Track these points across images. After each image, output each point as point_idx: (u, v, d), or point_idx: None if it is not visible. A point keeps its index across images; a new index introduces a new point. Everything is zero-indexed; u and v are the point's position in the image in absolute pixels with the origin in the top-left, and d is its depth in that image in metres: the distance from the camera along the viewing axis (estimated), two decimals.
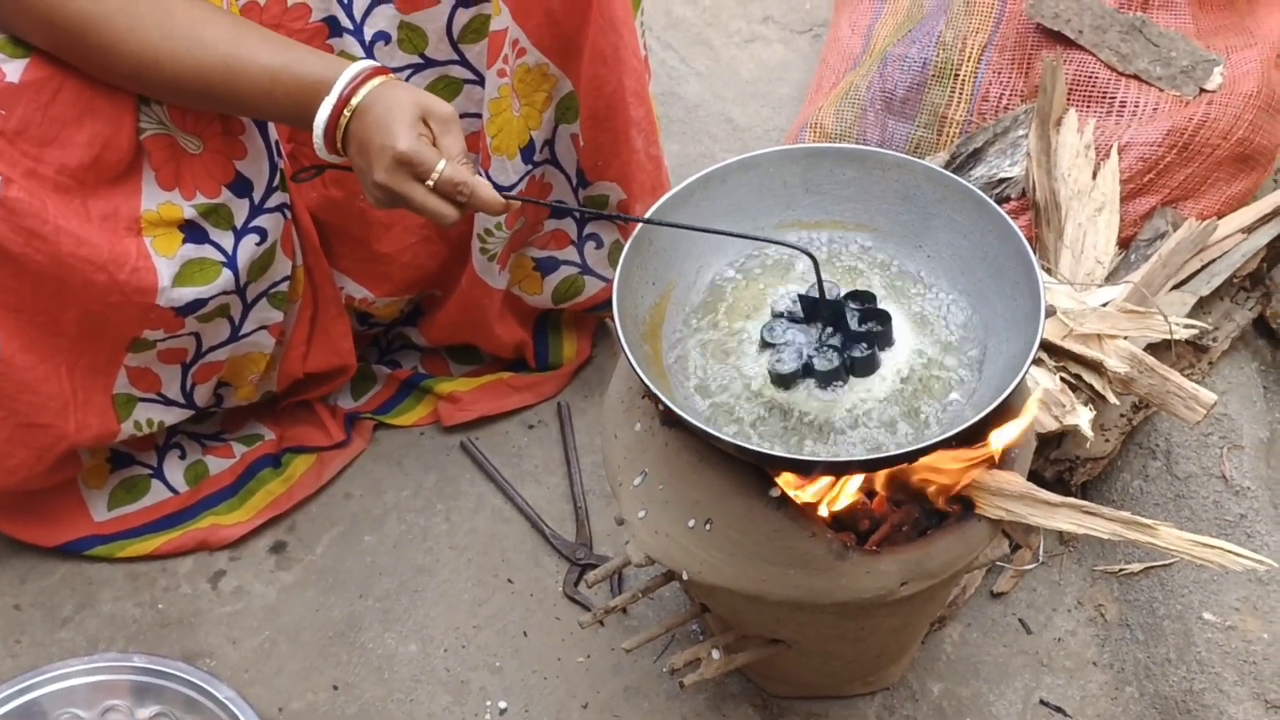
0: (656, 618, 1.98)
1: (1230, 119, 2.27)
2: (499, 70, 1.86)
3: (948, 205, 1.59)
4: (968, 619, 1.99)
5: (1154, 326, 1.93)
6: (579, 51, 1.89)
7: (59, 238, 1.70)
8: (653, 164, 2.06)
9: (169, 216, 1.81)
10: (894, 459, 1.41)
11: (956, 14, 2.45)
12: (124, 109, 1.74)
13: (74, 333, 1.82)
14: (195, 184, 1.82)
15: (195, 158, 1.81)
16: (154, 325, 1.86)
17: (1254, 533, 1.98)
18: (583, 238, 2.16)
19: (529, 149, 1.96)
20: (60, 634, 2.01)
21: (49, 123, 1.69)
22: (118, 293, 1.78)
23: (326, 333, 2.12)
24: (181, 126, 1.78)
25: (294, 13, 1.80)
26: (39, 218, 1.68)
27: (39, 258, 1.70)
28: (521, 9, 1.82)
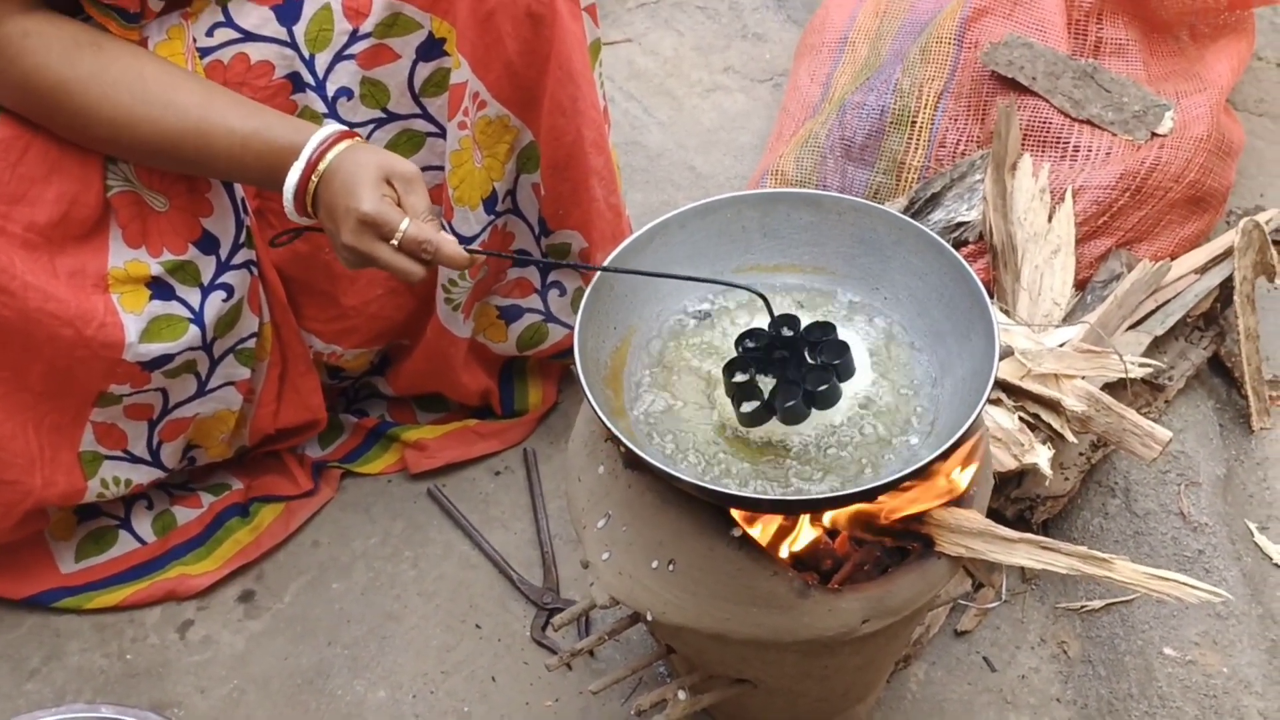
0: (623, 660, 1.99)
1: (1182, 162, 2.32)
2: (459, 123, 1.88)
3: (903, 248, 1.62)
4: (932, 657, 2.00)
5: (1110, 366, 1.96)
6: (538, 103, 1.91)
7: (26, 293, 1.71)
8: (613, 213, 2.09)
9: (136, 274, 1.83)
10: (849, 498, 1.43)
11: (913, 62, 2.49)
12: (91, 167, 1.76)
13: (40, 388, 1.83)
14: (162, 241, 1.84)
15: (162, 215, 1.83)
16: (120, 380, 1.87)
17: (1212, 568, 2.01)
18: (546, 285, 2.18)
19: (491, 199, 1.98)
20: (27, 686, 2.01)
21: (17, 180, 1.71)
22: (84, 347, 1.79)
23: (296, 389, 2.13)
24: (148, 184, 1.80)
25: (257, 70, 1.81)
26: (6, 273, 1.69)
27: (6, 313, 1.71)
28: (481, 62, 1.84)
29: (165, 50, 1.77)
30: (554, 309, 2.20)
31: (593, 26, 1.97)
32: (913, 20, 2.64)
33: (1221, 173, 2.40)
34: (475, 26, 1.82)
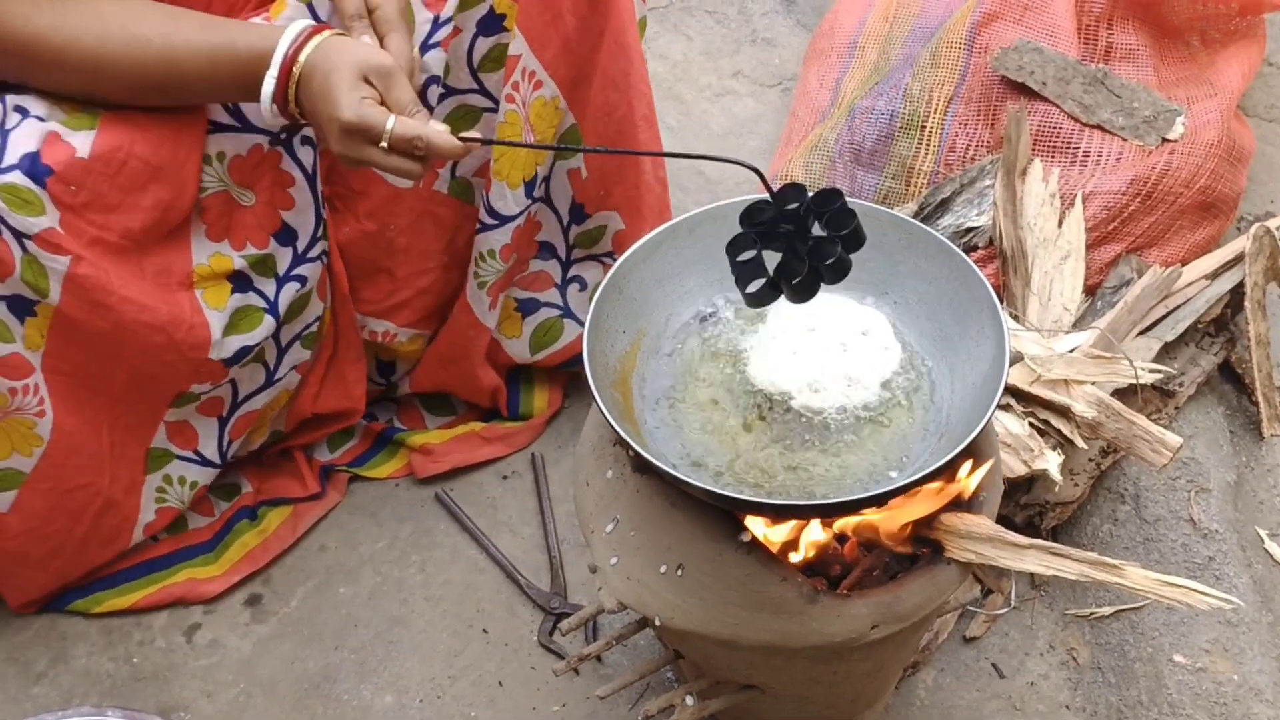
0: (631, 665, 1.98)
1: (1192, 168, 2.31)
2: (508, 95, 1.90)
3: (913, 252, 1.62)
4: (941, 664, 2.00)
5: (1120, 372, 1.95)
6: (590, 80, 1.94)
7: (122, 307, 1.75)
8: (660, 185, 2.13)
9: (219, 268, 1.86)
10: (858, 503, 1.42)
11: (923, 67, 2.49)
12: (189, 171, 1.78)
13: (120, 393, 1.86)
14: (245, 235, 1.87)
15: (248, 210, 1.86)
16: (202, 379, 1.91)
17: (1222, 575, 2.00)
18: (566, 280, 2.19)
19: (532, 182, 2.00)
20: (34, 689, 2.00)
21: (116, 191, 1.72)
22: (173, 351, 1.83)
23: (341, 375, 2.15)
24: (239, 181, 1.83)
25: None
26: (104, 289, 1.72)
27: (102, 325, 1.75)
28: (539, 40, 1.87)
29: None
30: (573, 304, 2.21)
31: (640, 3, 1.99)
32: (922, 25, 2.64)
33: (1232, 178, 2.40)
34: (537, 2, 1.84)
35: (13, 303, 1.69)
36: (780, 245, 1.39)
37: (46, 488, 1.87)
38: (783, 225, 1.38)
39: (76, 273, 1.69)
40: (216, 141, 1.81)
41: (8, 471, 1.83)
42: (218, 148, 1.82)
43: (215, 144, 1.81)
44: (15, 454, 1.82)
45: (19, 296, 1.68)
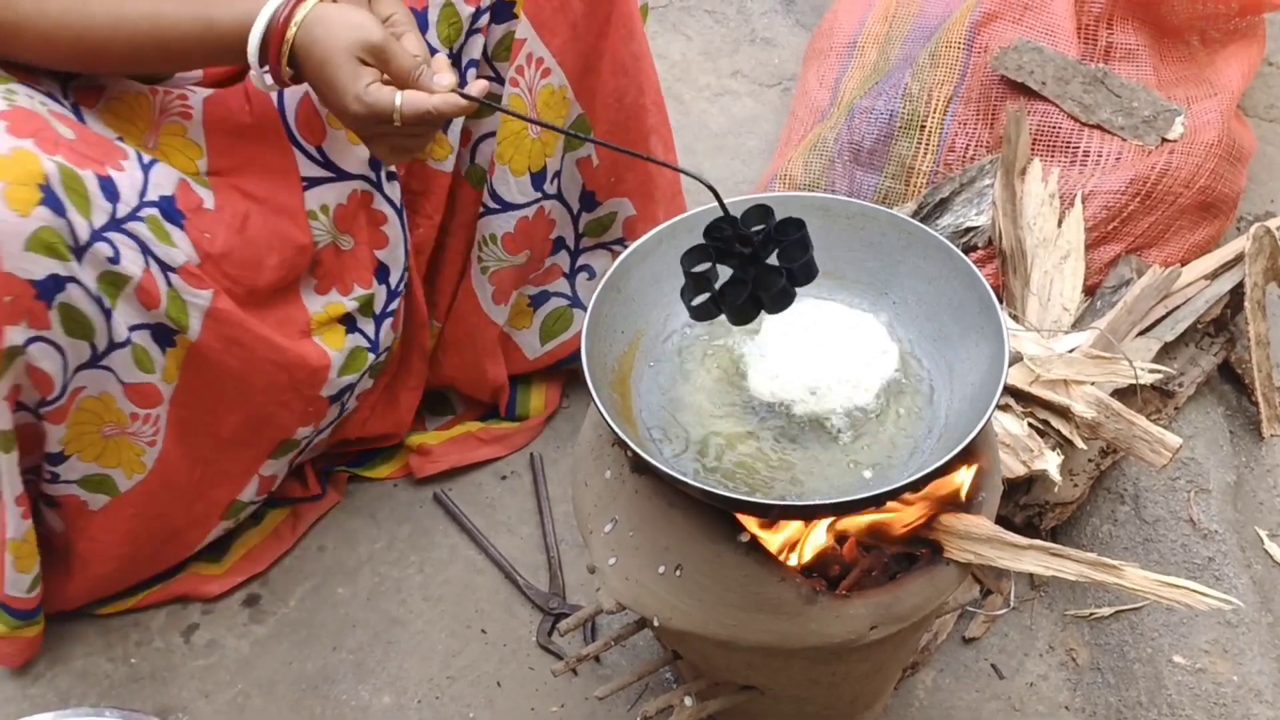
0: (629, 666, 1.98)
1: (1192, 168, 2.31)
2: (511, 79, 1.91)
3: (912, 252, 1.61)
4: (940, 665, 2.00)
5: (1120, 372, 1.95)
6: (598, 67, 1.96)
7: (256, 344, 1.81)
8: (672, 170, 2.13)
9: (334, 314, 1.92)
10: (857, 503, 1.42)
11: (922, 67, 2.49)
12: (303, 231, 1.84)
13: (228, 438, 1.92)
14: (352, 279, 1.92)
15: (348, 254, 1.91)
16: (308, 421, 1.98)
17: (1222, 575, 2.00)
18: (575, 270, 2.21)
19: (541, 176, 2.01)
20: (31, 690, 2.00)
21: (246, 246, 1.77)
22: (293, 391, 1.90)
23: (395, 400, 2.19)
24: (341, 229, 1.88)
25: None
26: (240, 326, 1.77)
27: (234, 363, 1.80)
28: (547, 26, 1.89)
29: None
30: (581, 294, 2.23)
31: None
32: (922, 25, 2.64)
33: (1232, 178, 2.39)
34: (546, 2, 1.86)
35: (156, 332, 1.73)
36: (734, 264, 1.42)
37: (131, 512, 1.91)
38: (739, 246, 1.41)
39: (217, 307, 1.74)
40: (317, 195, 1.86)
41: (107, 480, 1.86)
42: (320, 201, 1.86)
43: (317, 198, 1.86)
44: (120, 469, 1.85)
45: (162, 326, 1.73)
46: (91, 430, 1.78)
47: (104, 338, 1.68)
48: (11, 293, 1.56)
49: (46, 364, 1.65)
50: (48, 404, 1.71)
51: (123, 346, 1.70)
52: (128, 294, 1.66)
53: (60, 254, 1.57)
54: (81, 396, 1.73)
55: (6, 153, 1.54)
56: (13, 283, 1.55)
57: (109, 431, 1.79)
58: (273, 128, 1.84)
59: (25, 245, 1.54)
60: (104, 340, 1.68)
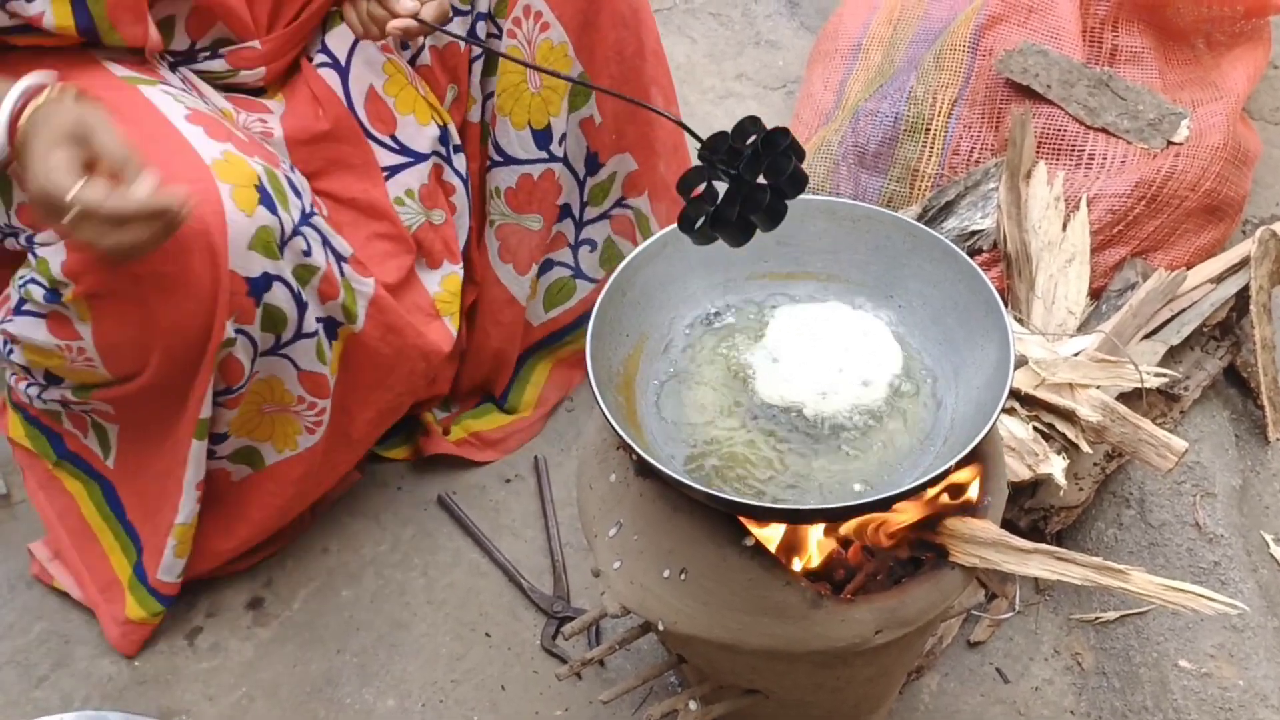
0: (634, 669, 1.98)
1: (1197, 171, 2.30)
2: (509, 30, 1.95)
3: (917, 255, 1.61)
4: (945, 668, 1.99)
5: (1125, 376, 1.95)
6: (597, 22, 1.98)
7: (406, 330, 1.91)
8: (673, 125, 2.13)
9: (453, 288, 2.00)
10: (862, 507, 1.42)
11: (927, 70, 2.48)
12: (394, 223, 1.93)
13: (358, 437, 2.03)
14: (454, 247, 2.01)
15: (443, 227, 1.99)
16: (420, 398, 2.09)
17: (1228, 579, 1.99)
18: (579, 242, 2.24)
19: (545, 135, 2.04)
20: (35, 693, 2.00)
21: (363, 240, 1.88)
22: (424, 377, 2.00)
23: None
24: (429, 205, 1.96)
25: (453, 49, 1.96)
26: (395, 313, 1.86)
27: (387, 351, 1.89)
28: None
29: None
30: (583, 265, 2.26)
31: None
32: (927, 27, 2.63)
33: (1237, 181, 2.39)
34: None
35: (328, 325, 1.81)
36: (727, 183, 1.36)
37: (268, 489, 1.97)
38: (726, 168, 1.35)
39: (379, 294, 1.83)
40: (401, 181, 1.93)
41: (254, 452, 1.92)
42: (404, 186, 1.94)
43: (401, 184, 1.93)
44: (270, 442, 1.91)
45: (332, 319, 1.80)
46: (253, 409, 1.85)
47: (292, 330, 1.76)
48: (232, 290, 1.64)
49: (242, 355, 1.74)
50: (230, 392, 1.79)
51: (310, 337, 1.78)
52: (313, 285, 1.74)
53: (273, 252, 1.66)
54: (254, 381, 1.81)
55: (220, 156, 1.63)
56: (234, 280, 1.64)
57: (269, 409, 1.86)
58: (348, 127, 1.90)
59: (249, 244, 1.63)
60: (291, 332, 1.76)
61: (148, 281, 1.62)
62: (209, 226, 1.60)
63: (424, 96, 1.94)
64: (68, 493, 2.00)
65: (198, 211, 1.57)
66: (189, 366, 1.72)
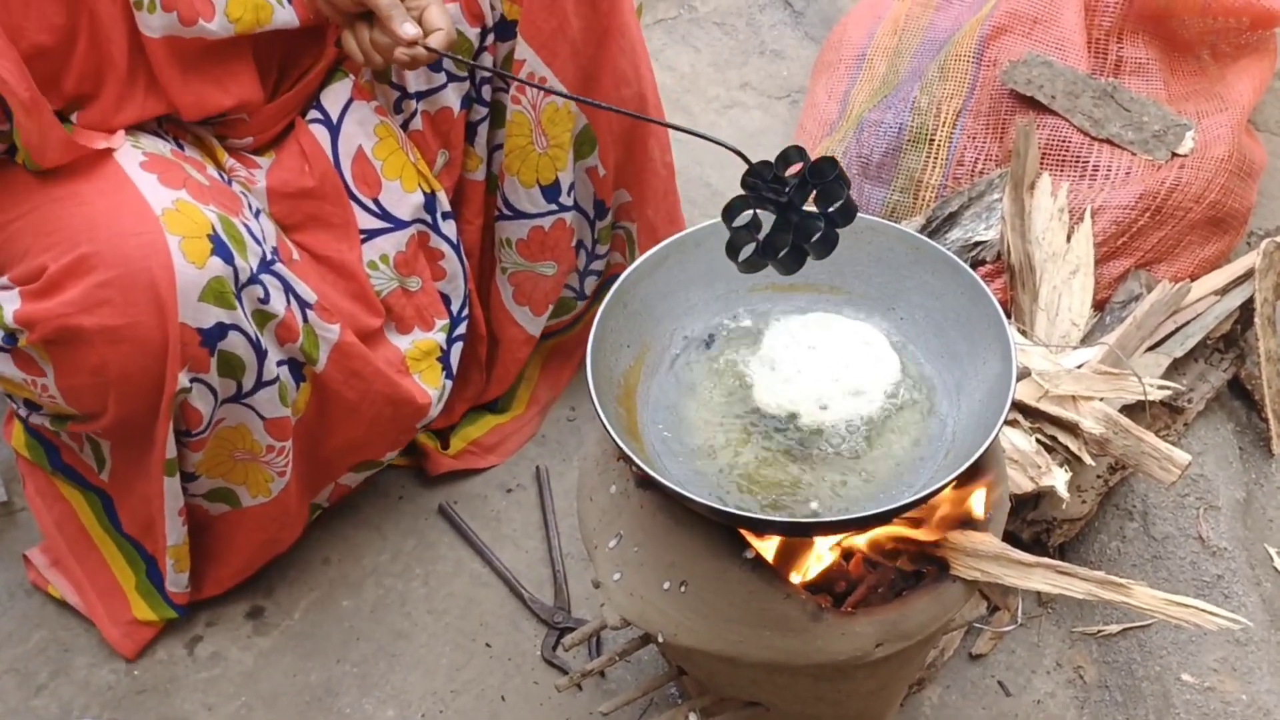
0: (634, 681, 1.97)
1: (1202, 183, 2.30)
2: (513, 97, 1.97)
3: (920, 268, 1.61)
4: (947, 681, 1.98)
5: (1129, 388, 1.94)
6: (599, 79, 1.98)
7: (374, 377, 1.90)
8: (666, 170, 2.18)
9: (426, 348, 2.00)
10: (863, 521, 1.41)
11: (931, 80, 2.48)
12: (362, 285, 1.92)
13: (324, 458, 1.99)
14: (431, 313, 2.01)
15: (419, 293, 2.00)
16: (398, 448, 2.07)
17: (1231, 593, 1.99)
18: (587, 270, 2.25)
19: (554, 189, 2.05)
20: (34, 701, 2.00)
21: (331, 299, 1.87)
22: (393, 424, 2.00)
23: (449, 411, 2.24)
24: (405, 273, 1.96)
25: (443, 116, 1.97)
26: (363, 359, 1.86)
27: (351, 395, 1.88)
28: (547, 47, 1.91)
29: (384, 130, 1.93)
30: (586, 288, 2.28)
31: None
32: (931, 38, 2.63)
33: (1242, 193, 2.38)
34: (542, 9, 1.88)
35: (292, 366, 1.80)
36: (773, 211, 1.37)
37: (250, 526, 1.98)
38: (774, 194, 1.36)
39: (344, 341, 1.83)
40: (377, 246, 1.94)
41: (230, 493, 1.92)
42: (379, 251, 1.94)
43: (376, 248, 1.94)
44: (245, 486, 1.91)
45: (295, 361, 1.80)
46: (223, 454, 1.85)
47: (253, 377, 1.75)
48: (183, 341, 1.64)
49: (199, 403, 1.73)
50: (192, 435, 1.78)
51: (271, 384, 1.78)
52: (270, 330, 1.74)
53: (228, 302, 1.65)
54: (221, 427, 1.80)
55: (172, 205, 1.63)
56: (185, 332, 1.63)
57: (240, 456, 1.86)
58: (332, 186, 1.90)
59: (200, 296, 1.62)
60: (252, 379, 1.75)
61: (96, 334, 1.62)
62: (156, 280, 1.60)
63: (413, 163, 1.95)
64: (66, 501, 2.00)
65: (144, 264, 1.58)
66: (147, 411, 1.72)
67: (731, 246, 1.37)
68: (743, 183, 1.37)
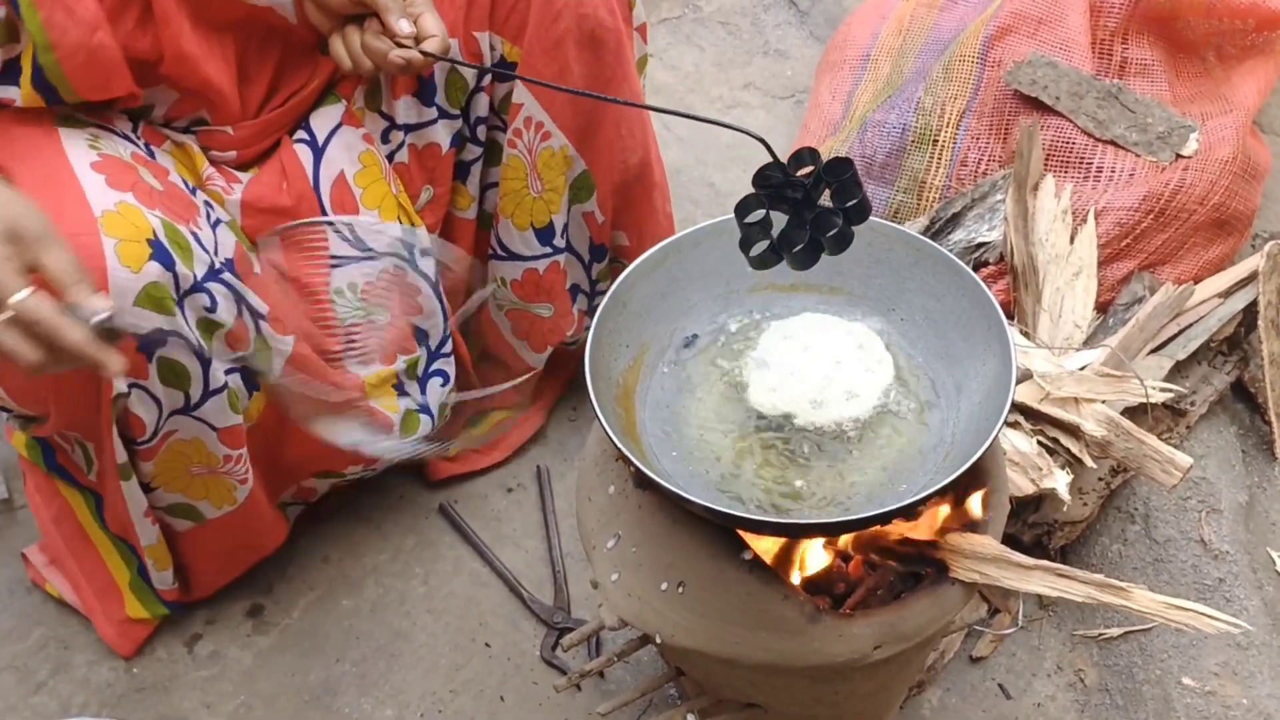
0: (633, 681, 1.97)
1: (1206, 184, 2.29)
2: (509, 140, 1.95)
3: (920, 269, 1.60)
4: (947, 684, 1.98)
5: (1131, 390, 1.93)
6: (599, 127, 1.97)
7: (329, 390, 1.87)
8: (667, 220, 2.18)
9: (384, 376, 1.97)
10: (861, 522, 1.41)
11: (935, 81, 2.47)
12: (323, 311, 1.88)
13: (288, 464, 1.97)
14: (395, 350, 1.98)
15: (386, 327, 1.97)
16: (361, 463, 2.04)
17: (1233, 597, 1.98)
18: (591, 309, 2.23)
19: (548, 232, 2.04)
20: (34, 699, 2.00)
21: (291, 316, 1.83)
22: None
23: None
24: (373, 304, 1.92)
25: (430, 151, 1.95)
26: (318, 370, 1.84)
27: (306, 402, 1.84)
28: (546, 93, 1.90)
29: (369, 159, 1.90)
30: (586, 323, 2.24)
31: (641, 44, 2.02)
32: (936, 38, 2.63)
33: (1247, 195, 2.37)
34: (542, 54, 1.86)
35: (245, 374, 1.79)
36: (786, 210, 1.37)
37: (219, 536, 1.96)
38: (790, 191, 1.36)
39: (299, 353, 1.80)
40: (345, 274, 1.89)
41: (191, 508, 1.90)
42: (347, 279, 1.89)
43: (344, 276, 1.89)
44: (207, 501, 1.90)
45: (248, 369, 1.78)
46: (179, 468, 1.83)
47: (199, 387, 1.72)
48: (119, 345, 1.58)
49: (141, 410, 1.70)
50: (139, 444, 1.76)
51: (219, 392, 1.75)
52: (219, 337, 1.71)
53: (166, 308, 1.61)
54: (173, 439, 1.78)
55: (113, 208, 1.58)
56: None
57: (197, 471, 1.84)
58: (309, 207, 1.88)
59: (135, 300, 1.57)
60: (199, 389, 1.73)
61: None
62: None
63: (395, 195, 1.93)
64: (63, 498, 2.00)
65: None
66: (90, 414, 1.69)
67: (745, 243, 1.37)
68: (755, 180, 1.37)
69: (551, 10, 1.84)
